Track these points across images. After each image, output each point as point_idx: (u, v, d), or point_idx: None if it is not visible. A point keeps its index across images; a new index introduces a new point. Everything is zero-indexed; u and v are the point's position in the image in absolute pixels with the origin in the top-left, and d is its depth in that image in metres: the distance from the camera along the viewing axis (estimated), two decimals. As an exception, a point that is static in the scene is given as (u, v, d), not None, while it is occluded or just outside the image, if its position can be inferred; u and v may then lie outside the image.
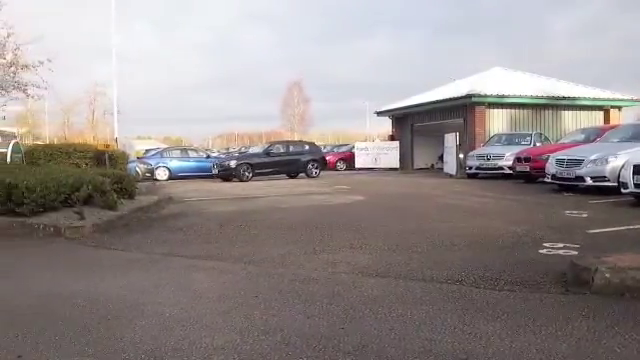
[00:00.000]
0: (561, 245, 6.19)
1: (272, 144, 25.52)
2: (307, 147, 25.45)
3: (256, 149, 26.58)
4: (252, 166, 22.22)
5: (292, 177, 23.21)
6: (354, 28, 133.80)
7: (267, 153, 23.37)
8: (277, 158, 23.26)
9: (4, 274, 5.53)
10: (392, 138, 32.06)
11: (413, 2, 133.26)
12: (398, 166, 29.49)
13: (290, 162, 23.43)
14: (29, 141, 41.59)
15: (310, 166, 23.61)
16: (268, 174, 22.41)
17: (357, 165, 31.12)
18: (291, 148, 24.54)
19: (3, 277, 5.38)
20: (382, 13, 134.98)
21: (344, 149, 36.28)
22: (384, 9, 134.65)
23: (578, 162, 12.47)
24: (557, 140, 20.53)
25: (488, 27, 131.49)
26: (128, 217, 9.18)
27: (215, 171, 22.75)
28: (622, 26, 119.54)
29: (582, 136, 16.76)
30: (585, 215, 8.81)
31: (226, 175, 22.00)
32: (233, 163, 22.20)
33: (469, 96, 23.22)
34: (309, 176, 23.24)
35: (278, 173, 22.97)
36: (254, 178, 21.75)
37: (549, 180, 13.48)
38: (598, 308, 3.90)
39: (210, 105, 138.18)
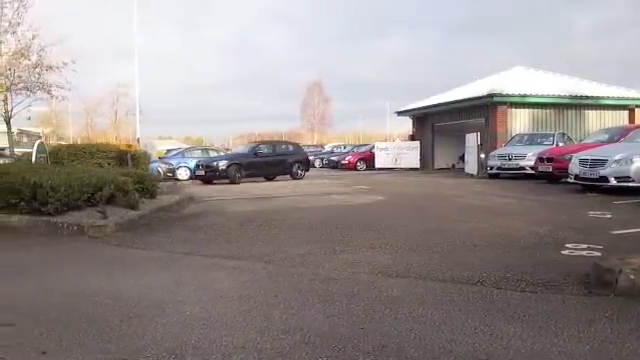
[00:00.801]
0: (584, 246, 6.11)
1: (259, 144, 24.34)
2: (291, 148, 24.61)
3: (241, 149, 25.34)
4: (242, 167, 21.07)
5: (269, 180, 21.82)
6: (372, 28, 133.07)
7: (255, 153, 22.13)
8: (265, 159, 22.11)
9: (29, 272, 5.64)
10: (412, 138, 31.91)
11: (430, 1, 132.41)
12: (419, 166, 29.37)
13: (277, 163, 22.33)
14: (53, 141, 42.20)
15: (296, 168, 22.59)
16: (256, 175, 21.41)
17: (377, 165, 31.02)
18: (277, 148, 23.47)
19: (29, 275, 5.48)
20: (399, 13, 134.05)
21: (364, 149, 36.16)
22: (401, 9, 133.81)
23: (602, 162, 12.31)
24: (580, 140, 20.26)
25: (507, 26, 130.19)
26: (150, 216, 9.28)
27: (201, 172, 21.28)
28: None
29: (606, 136, 16.51)
30: (609, 216, 8.69)
31: (214, 177, 20.71)
32: (223, 164, 20.89)
33: (490, 96, 23.03)
34: (294, 178, 22.17)
35: (266, 174, 21.98)
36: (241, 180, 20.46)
37: (572, 180, 13.33)
38: (622, 310, 3.85)
39: (230, 105, 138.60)
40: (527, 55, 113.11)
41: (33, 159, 11.60)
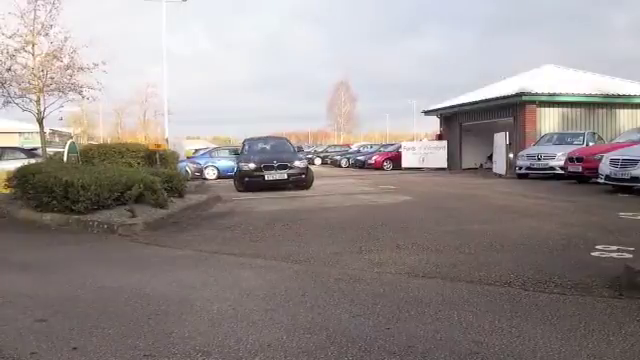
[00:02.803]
0: (614, 248, 5.99)
1: (275, 140, 19.56)
2: None
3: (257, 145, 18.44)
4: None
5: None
6: (402, 27, 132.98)
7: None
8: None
9: (61, 268, 5.76)
10: (440, 137, 31.65)
11: (463, 0, 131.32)
12: (446, 166, 29.11)
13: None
14: (84, 141, 42.97)
15: None
16: None
17: (404, 165, 30.80)
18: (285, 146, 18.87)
19: (60, 272, 5.60)
20: (431, 11, 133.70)
21: (391, 149, 35.94)
22: (433, 7, 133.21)
23: (633, 162, 12.05)
24: (611, 139, 19.88)
25: (540, 24, 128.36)
26: (178, 215, 9.39)
27: (269, 175, 15.36)
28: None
29: (638, 135, 16.17)
30: (641, 217, 8.51)
31: (297, 182, 15.74)
32: (302, 164, 16.05)
33: (519, 94, 22.71)
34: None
35: None
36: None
37: (602, 181, 13.07)
38: (654, 313, 3.77)
39: (258, 105, 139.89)
40: (559, 53, 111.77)
41: (65, 158, 11.83)
